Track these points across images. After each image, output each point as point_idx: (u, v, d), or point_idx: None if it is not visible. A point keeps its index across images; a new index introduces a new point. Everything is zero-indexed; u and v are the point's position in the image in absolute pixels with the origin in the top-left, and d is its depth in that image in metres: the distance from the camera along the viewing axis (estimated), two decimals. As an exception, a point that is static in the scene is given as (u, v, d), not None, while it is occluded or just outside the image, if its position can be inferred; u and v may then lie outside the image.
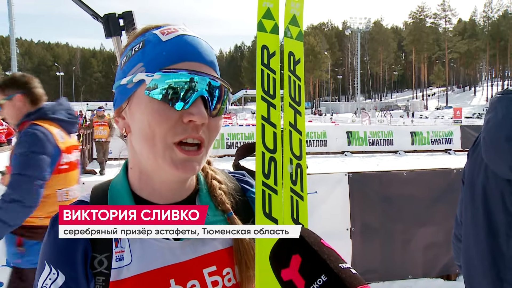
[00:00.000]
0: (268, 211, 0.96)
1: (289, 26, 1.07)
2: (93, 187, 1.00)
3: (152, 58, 0.88)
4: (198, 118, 0.84)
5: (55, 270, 0.87)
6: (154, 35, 0.90)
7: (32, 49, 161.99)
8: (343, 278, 0.64)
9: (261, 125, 0.98)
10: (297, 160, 1.01)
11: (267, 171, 0.96)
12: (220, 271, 0.95)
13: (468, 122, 49.25)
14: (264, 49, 1.02)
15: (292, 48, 1.06)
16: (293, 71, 1.05)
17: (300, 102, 1.04)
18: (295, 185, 0.99)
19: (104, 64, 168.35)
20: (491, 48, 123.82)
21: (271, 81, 1.01)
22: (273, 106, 1.00)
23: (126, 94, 0.90)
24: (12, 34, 34.76)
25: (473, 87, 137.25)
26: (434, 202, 4.86)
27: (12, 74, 3.10)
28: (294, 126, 1.02)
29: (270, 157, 0.97)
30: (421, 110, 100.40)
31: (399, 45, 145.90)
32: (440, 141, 20.42)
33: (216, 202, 1.00)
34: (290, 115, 1.02)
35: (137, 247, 0.90)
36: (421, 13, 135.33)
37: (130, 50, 0.93)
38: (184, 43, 0.89)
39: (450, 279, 4.94)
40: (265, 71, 1.01)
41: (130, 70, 0.90)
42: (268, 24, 1.03)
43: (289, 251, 0.70)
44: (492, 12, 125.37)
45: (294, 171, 1.00)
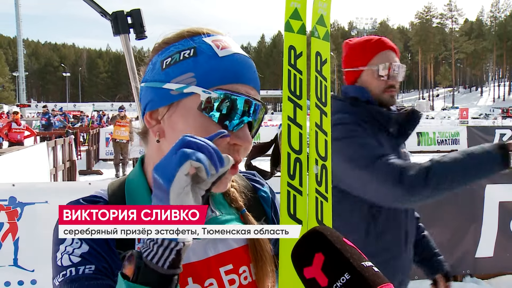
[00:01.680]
0: (292, 212, 0.95)
1: (316, 26, 1.06)
2: (108, 183, 1.00)
3: (206, 72, 0.86)
4: (243, 142, 0.86)
5: (78, 240, 0.86)
6: (208, 46, 0.88)
7: (38, 50, 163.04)
8: (366, 276, 0.63)
9: (287, 125, 0.97)
10: (323, 161, 1.00)
11: (293, 172, 0.96)
12: (236, 270, 0.96)
13: (475, 123, 49.01)
14: (291, 50, 1.01)
15: (319, 48, 1.06)
16: (319, 72, 1.04)
17: (326, 103, 1.04)
18: (320, 186, 0.99)
19: (110, 65, 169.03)
20: (498, 48, 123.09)
21: (298, 82, 1.00)
22: (299, 106, 0.99)
23: (167, 100, 0.88)
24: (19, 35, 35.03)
25: (479, 88, 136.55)
26: (439, 203, 4.82)
27: None
28: (320, 127, 1.02)
29: (296, 158, 0.97)
30: (427, 111, 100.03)
31: (405, 45, 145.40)
32: (446, 142, 20.31)
33: (229, 200, 1.01)
34: (316, 116, 1.02)
35: None
36: (428, 13, 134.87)
37: (178, 53, 0.89)
38: (241, 63, 0.89)
39: (457, 280, 4.90)
40: (291, 71, 1.00)
41: (177, 76, 0.87)
42: (296, 24, 1.03)
43: (312, 249, 0.69)
44: (499, 12, 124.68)
45: (320, 172, 0.99)
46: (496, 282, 4.93)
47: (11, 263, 3.76)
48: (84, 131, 20.47)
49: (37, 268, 3.77)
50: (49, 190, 3.92)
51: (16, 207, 3.74)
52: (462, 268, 4.88)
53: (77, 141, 16.04)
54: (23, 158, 7.82)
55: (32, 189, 3.87)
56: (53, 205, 3.72)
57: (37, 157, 8.73)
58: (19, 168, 7.38)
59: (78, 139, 16.93)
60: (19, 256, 3.77)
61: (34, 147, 9.37)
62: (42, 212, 3.75)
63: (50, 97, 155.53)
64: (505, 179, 4.91)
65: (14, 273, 3.75)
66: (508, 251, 4.91)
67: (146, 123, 0.94)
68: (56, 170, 9.91)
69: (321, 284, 0.65)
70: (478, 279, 4.90)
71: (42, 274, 3.75)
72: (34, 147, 9.27)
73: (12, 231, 3.74)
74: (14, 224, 3.74)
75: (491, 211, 4.88)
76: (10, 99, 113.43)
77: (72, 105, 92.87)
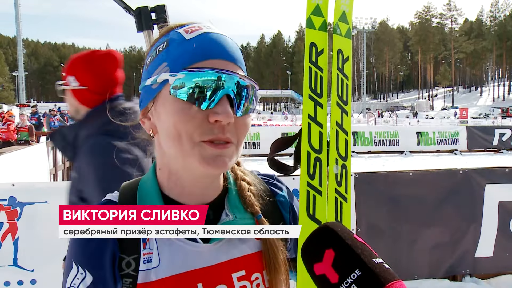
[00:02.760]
0: (312, 212, 0.95)
1: (338, 22, 1.04)
2: (121, 186, 0.99)
3: (176, 57, 0.87)
4: (223, 117, 0.82)
5: (83, 270, 0.86)
6: (178, 33, 0.89)
7: (38, 50, 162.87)
8: (377, 273, 0.63)
9: (308, 124, 0.96)
10: (343, 161, 0.99)
11: (312, 172, 0.95)
12: (249, 276, 0.94)
13: (474, 123, 49.03)
14: (312, 47, 0.99)
15: (341, 46, 1.04)
16: (341, 69, 1.02)
17: (347, 102, 1.02)
18: (340, 186, 0.98)
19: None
20: (498, 48, 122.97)
21: (319, 80, 0.98)
22: (320, 105, 0.97)
23: (151, 95, 0.90)
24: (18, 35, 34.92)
25: (479, 87, 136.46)
26: (440, 203, 4.83)
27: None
28: (340, 126, 1.00)
29: (316, 157, 0.95)
30: (427, 111, 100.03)
31: (405, 45, 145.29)
32: (446, 142, 20.30)
33: (245, 204, 0.98)
34: (337, 115, 1.00)
35: (165, 250, 0.89)
36: (427, 13, 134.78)
37: (155, 50, 0.92)
38: (209, 40, 0.88)
39: (456, 280, 4.91)
40: (313, 69, 0.98)
41: (154, 70, 0.89)
42: (317, 21, 1.01)
43: (322, 245, 0.68)
44: (498, 11, 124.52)
45: (340, 172, 0.98)
46: (495, 282, 4.93)
47: (10, 263, 3.75)
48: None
49: (37, 268, 3.76)
50: (49, 190, 3.91)
51: (16, 207, 3.73)
52: (462, 268, 4.88)
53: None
54: (22, 158, 7.81)
55: (32, 189, 3.87)
56: (53, 205, 3.72)
57: (37, 157, 8.72)
58: (18, 168, 7.37)
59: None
60: (19, 256, 3.76)
61: (34, 147, 9.36)
62: (42, 212, 3.75)
63: (50, 97, 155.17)
64: (505, 179, 4.92)
65: (13, 273, 3.74)
66: (507, 251, 4.91)
67: (140, 122, 0.95)
68: (55, 170, 9.89)
69: (332, 280, 0.65)
70: (478, 279, 4.90)
71: (41, 274, 3.75)
72: (34, 147, 9.26)
73: (12, 231, 3.74)
74: (14, 224, 3.73)
75: (491, 211, 4.88)
76: (10, 99, 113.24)
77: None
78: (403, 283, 0.62)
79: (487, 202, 4.87)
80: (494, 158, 18.03)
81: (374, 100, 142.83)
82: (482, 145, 20.09)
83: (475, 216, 4.88)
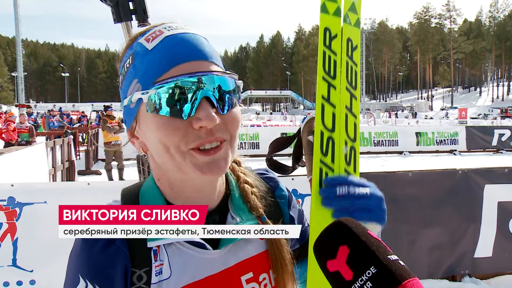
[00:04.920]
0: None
1: (348, 13, 1.07)
2: (122, 191, 0.97)
3: (144, 72, 0.83)
4: (207, 122, 0.79)
5: (92, 286, 0.82)
6: (140, 45, 0.85)
7: (37, 50, 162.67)
8: (393, 270, 0.62)
9: (321, 105, 0.99)
10: (352, 143, 1.03)
11: (325, 150, 0.98)
12: (257, 277, 0.95)
13: (474, 123, 49.08)
14: (326, 31, 1.03)
15: (350, 35, 1.07)
16: (350, 57, 1.06)
17: (356, 87, 1.06)
18: (349, 165, 1.01)
19: (109, 65, 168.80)
20: (497, 49, 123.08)
21: (332, 63, 1.02)
22: (334, 86, 1.01)
23: (132, 114, 0.88)
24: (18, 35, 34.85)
25: (478, 88, 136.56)
26: (439, 203, 4.83)
27: None
28: (350, 109, 1.04)
29: (329, 136, 0.99)
30: (426, 111, 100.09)
31: (404, 45, 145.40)
32: (445, 142, 20.31)
33: (250, 207, 0.98)
34: (347, 99, 1.03)
35: (176, 260, 0.87)
36: (426, 14, 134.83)
37: (123, 67, 0.89)
38: (171, 45, 0.83)
39: (455, 280, 4.91)
40: (326, 52, 1.02)
41: (127, 89, 0.87)
42: (331, 6, 1.04)
43: (336, 242, 0.67)
44: (498, 12, 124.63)
45: (349, 152, 1.01)
46: (495, 282, 4.93)
47: (10, 263, 3.75)
48: (83, 131, 20.46)
49: (36, 268, 3.76)
50: (48, 190, 3.91)
51: (15, 207, 3.73)
52: (461, 268, 4.88)
53: (76, 141, 16.03)
54: (22, 158, 7.81)
55: (31, 189, 3.86)
56: (52, 205, 3.72)
57: (36, 157, 8.72)
58: (18, 168, 7.36)
59: (77, 139, 16.91)
60: (18, 256, 3.76)
61: (33, 147, 9.35)
62: (41, 212, 3.75)
63: (49, 97, 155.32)
64: (504, 179, 4.92)
65: (13, 273, 3.74)
66: (507, 251, 4.91)
67: (130, 142, 0.94)
68: (55, 170, 9.90)
69: (346, 277, 0.63)
70: (477, 279, 4.90)
71: (41, 274, 3.75)
72: (33, 147, 9.25)
73: (11, 231, 3.73)
74: (13, 224, 3.73)
75: (490, 211, 4.88)
76: (9, 99, 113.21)
77: (71, 105, 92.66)
78: (418, 280, 0.61)
79: (486, 202, 4.88)
80: (493, 158, 18.04)
81: (374, 100, 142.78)
82: (481, 146, 20.12)
83: (474, 216, 4.88)
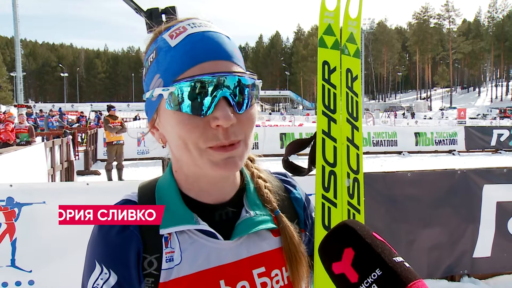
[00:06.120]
0: (327, 223, 0.98)
1: (346, 43, 1.09)
2: (139, 186, 1.00)
3: (166, 68, 0.86)
4: (223, 121, 0.81)
5: (107, 270, 0.85)
6: (164, 40, 0.87)
7: (36, 50, 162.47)
8: (398, 272, 0.62)
9: (322, 139, 1.00)
10: (354, 174, 1.03)
11: (327, 185, 0.98)
12: (269, 273, 0.95)
13: (473, 123, 49.11)
14: (325, 65, 1.04)
15: (350, 65, 1.08)
16: (350, 88, 1.07)
17: (358, 118, 1.07)
18: (352, 198, 1.01)
19: (108, 65, 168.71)
20: (496, 49, 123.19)
21: (332, 96, 1.03)
22: (334, 120, 1.02)
23: (153, 107, 0.90)
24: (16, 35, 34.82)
25: (477, 88, 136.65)
26: (438, 203, 4.84)
27: None
28: (351, 141, 1.04)
29: (330, 171, 0.99)
30: (425, 111, 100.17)
31: (403, 45, 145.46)
32: (444, 142, 20.32)
33: (263, 201, 1.00)
34: (348, 130, 1.04)
35: (187, 248, 0.89)
36: (425, 14, 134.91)
37: (147, 60, 0.92)
38: (193, 43, 0.85)
39: (454, 280, 4.91)
40: (325, 86, 1.03)
41: (150, 83, 0.90)
42: (329, 40, 1.06)
43: (342, 244, 0.67)
44: (496, 12, 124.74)
45: (351, 185, 1.02)
46: (493, 282, 4.93)
47: (8, 263, 3.74)
48: (82, 131, 20.45)
49: (35, 268, 3.75)
50: (47, 190, 3.90)
51: (14, 208, 3.72)
52: (460, 268, 4.89)
53: (75, 141, 16.01)
54: (20, 158, 7.80)
55: (30, 189, 3.85)
56: (51, 206, 3.71)
57: (35, 157, 8.71)
58: (16, 169, 7.36)
59: (76, 139, 16.90)
60: (17, 256, 3.75)
61: (32, 147, 9.34)
62: (40, 213, 3.74)
63: (48, 97, 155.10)
64: (503, 179, 4.93)
65: (11, 274, 3.73)
66: (505, 251, 4.92)
67: (150, 132, 0.96)
68: (54, 171, 9.88)
69: (351, 280, 0.63)
70: (476, 279, 4.90)
71: (40, 274, 3.74)
72: (32, 148, 9.25)
73: (10, 231, 3.73)
74: (12, 224, 3.72)
75: (489, 211, 4.89)
76: (8, 99, 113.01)
77: (70, 106, 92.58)
78: (424, 282, 0.61)
79: (485, 203, 4.88)
80: (492, 158, 18.05)
81: (373, 100, 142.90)
82: (480, 146, 20.12)
83: (473, 216, 4.88)
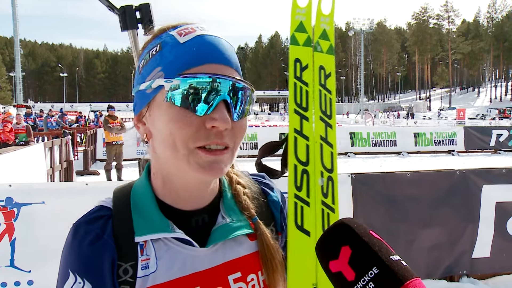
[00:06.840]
0: (300, 223, 0.97)
1: (319, 40, 1.07)
2: (114, 190, 0.98)
3: (170, 62, 0.85)
4: (221, 123, 0.81)
5: (81, 279, 0.84)
6: (171, 36, 0.87)
7: (35, 50, 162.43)
8: (395, 270, 0.62)
9: (294, 138, 0.98)
10: (328, 173, 1.02)
11: (300, 184, 0.97)
12: (244, 278, 0.95)
13: (472, 123, 49.16)
14: (296, 62, 1.02)
15: (323, 62, 1.07)
16: (323, 85, 1.05)
17: (331, 116, 1.05)
18: (326, 197, 1.00)
19: (108, 65, 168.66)
20: (495, 49, 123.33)
21: (304, 94, 1.01)
22: (306, 118, 1.00)
23: (145, 100, 0.88)
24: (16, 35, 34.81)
25: (476, 88, 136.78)
26: (437, 203, 4.84)
27: None
28: (325, 139, 1.02)
29: (303, 169, 0.98)
30: (424, 111, 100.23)
31: (403, 46, 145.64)
32: (443, 142, 20.33)
33: (241, 207, 0.99)
34: (321, 129, 1.02)
35: (163, 255, 0.88)
36: (424, 14, 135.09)
37: (148, 53, 0.90)
38: (204, 44, 0.85)
39: (454, 281, 4.92)
40: (297, 84, 1.01)
41: (148, 75, 0.88)
42: (301, 37, 1.04)
43: (338, 242, 0.67)
44: (496, 13, 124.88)
45: (326, 184, 1.00)
46: (493, 282, 4.94)
47: (7, 263, 3.74)
48: (81, 131, 20.44)
49: (34, 268, 3.76)
50: (46, 190, 3.90)
51: (13, 208, 3.72)
52: (459, 268, 4.89)
53: (74, 141, 16.01)
54: (20, 158, 7.80)
55: (29, 189, 3.85)
56: (50, 206, 3.71)
57: (34, 157, 8.71)
58: (16, 169, 7.35)
59: (75, 139, 16.89)
60: (16, 256, 3.75)
61: (31, 147, 9.34)
62: (39, 213, 3.74)
63: (47, 98, 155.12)
64: (502, 179, 4.93)
65: (10, 274, 3.73)
66: (504, 251, 4.92)
67: (135, 127, 0.94)
68: (53, 171, 9.88)
69: (348, 278, 0.64)
70: (475, 279, 4.91)
71: (39, 274, 3.74)
72: (31, 148, 9.24)
73: (9, 231, 3.73)
74: (11, 224, 3.72)
75: (488, 212, 4.89)
76: (7, 99, 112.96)
77: (69, 106, 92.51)
78: (421, 280, 0.61)
79: (484, 203, 4.88)
80: (491, 158, 18.06)
81: (372, 100, 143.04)
82: (480, 146, 20.12)
83: (472, 216, 4.89)
